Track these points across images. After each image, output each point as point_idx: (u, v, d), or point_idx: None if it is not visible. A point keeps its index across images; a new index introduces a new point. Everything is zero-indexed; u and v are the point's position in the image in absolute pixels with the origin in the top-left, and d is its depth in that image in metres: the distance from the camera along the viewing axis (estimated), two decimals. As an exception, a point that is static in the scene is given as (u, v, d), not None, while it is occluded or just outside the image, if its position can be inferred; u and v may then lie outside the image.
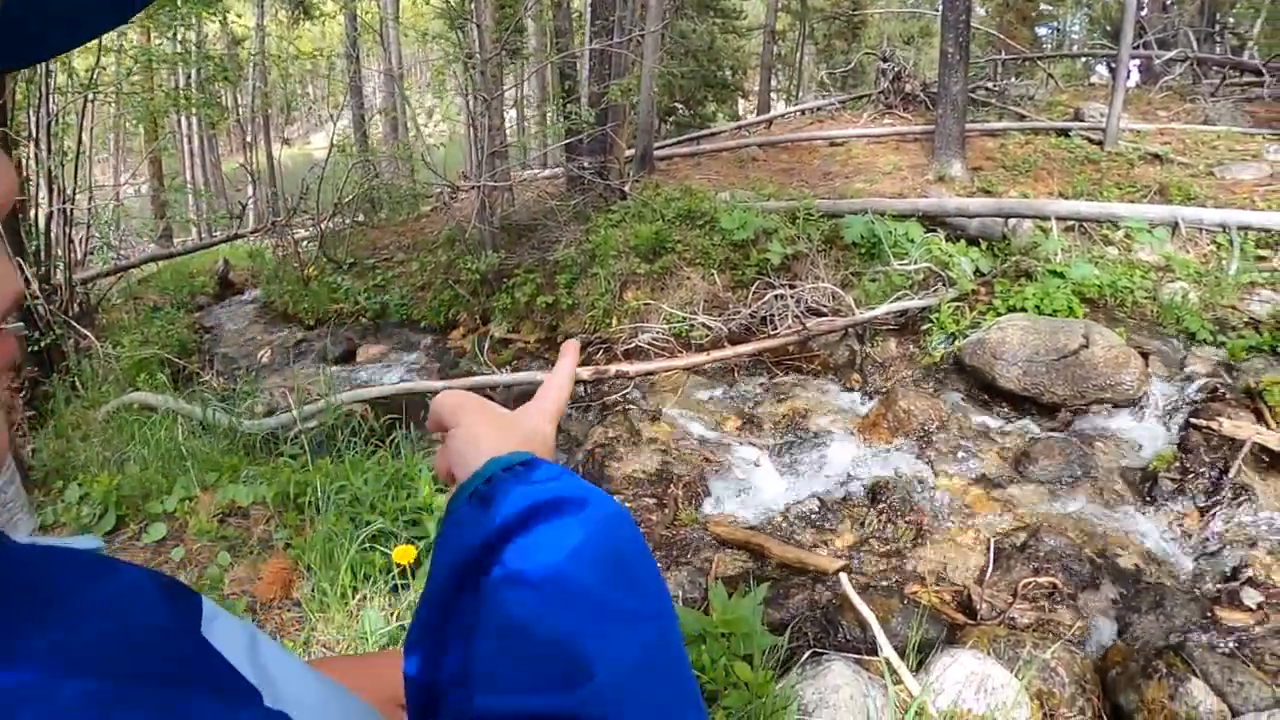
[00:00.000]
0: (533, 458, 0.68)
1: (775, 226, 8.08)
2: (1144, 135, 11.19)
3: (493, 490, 0.64)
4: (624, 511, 0.64)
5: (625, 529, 0.63)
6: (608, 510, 0.63)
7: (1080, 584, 4.33)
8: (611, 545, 0.60)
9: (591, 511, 0.62)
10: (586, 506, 0.62)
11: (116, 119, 15.07)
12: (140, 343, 8.11)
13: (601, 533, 0.60)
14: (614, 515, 0.63)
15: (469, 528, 0.62)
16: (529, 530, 0.60)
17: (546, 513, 0.61)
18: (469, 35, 9.80)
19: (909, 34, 27.55)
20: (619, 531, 0.62)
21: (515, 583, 0.56)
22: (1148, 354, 6.18)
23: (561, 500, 0.62)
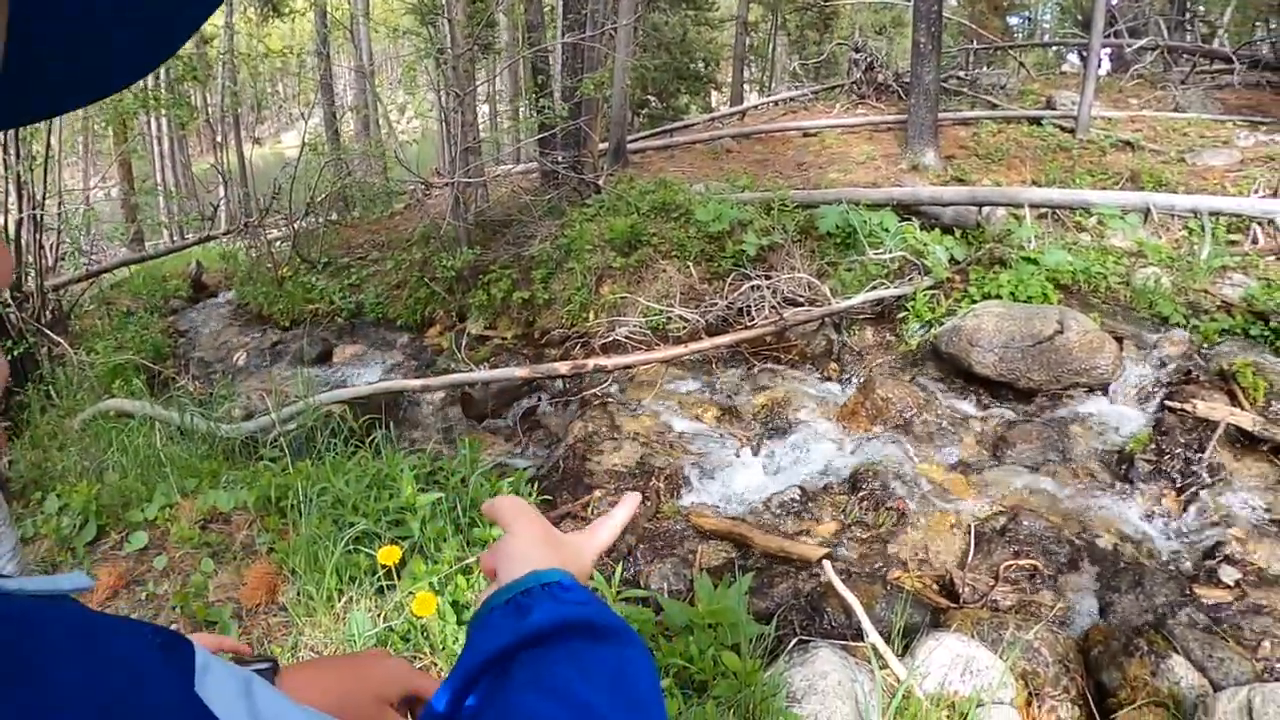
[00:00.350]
0: (571, 581, 0.73)
1: (750, 218, 8.09)
2: (1115, 123, 11.30)
3: (529, 602, 0.69)
4: (645, 649, 0.69)
5: (643, 665, 0.67)
6: (630, 643, 0.68)
7: (1060, 566, 4.39)
8: (629, 677, 0.65)
9: (614, 641, 0.68)
10: (610, 636, 0.68)
11: (85, 121, 14.90)
12: (114, 349, 8.02)
13: (619, 663, 0.66)
14: (634, 649, 0.68)
15: (497, 632, 0.67)
16: (553, 644, 0.65)
17: (573, 633, 0.66)
18: (440, 30, 9.77)
19: (881, 24, 27.59)
20: (636, 665, 0.67)
21: (530, 689, 0.61)
22: (1122, 338, 6.24)
23: (591, 624, 0.68)
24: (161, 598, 3.47)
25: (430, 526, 3.74)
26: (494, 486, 4.55)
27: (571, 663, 0.64)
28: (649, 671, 0.67)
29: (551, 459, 5.93)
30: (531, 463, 6.05)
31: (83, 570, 0.76)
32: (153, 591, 3.52)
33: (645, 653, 0.69)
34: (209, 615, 3.28)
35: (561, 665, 0.63)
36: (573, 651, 0.65)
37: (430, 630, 3.07)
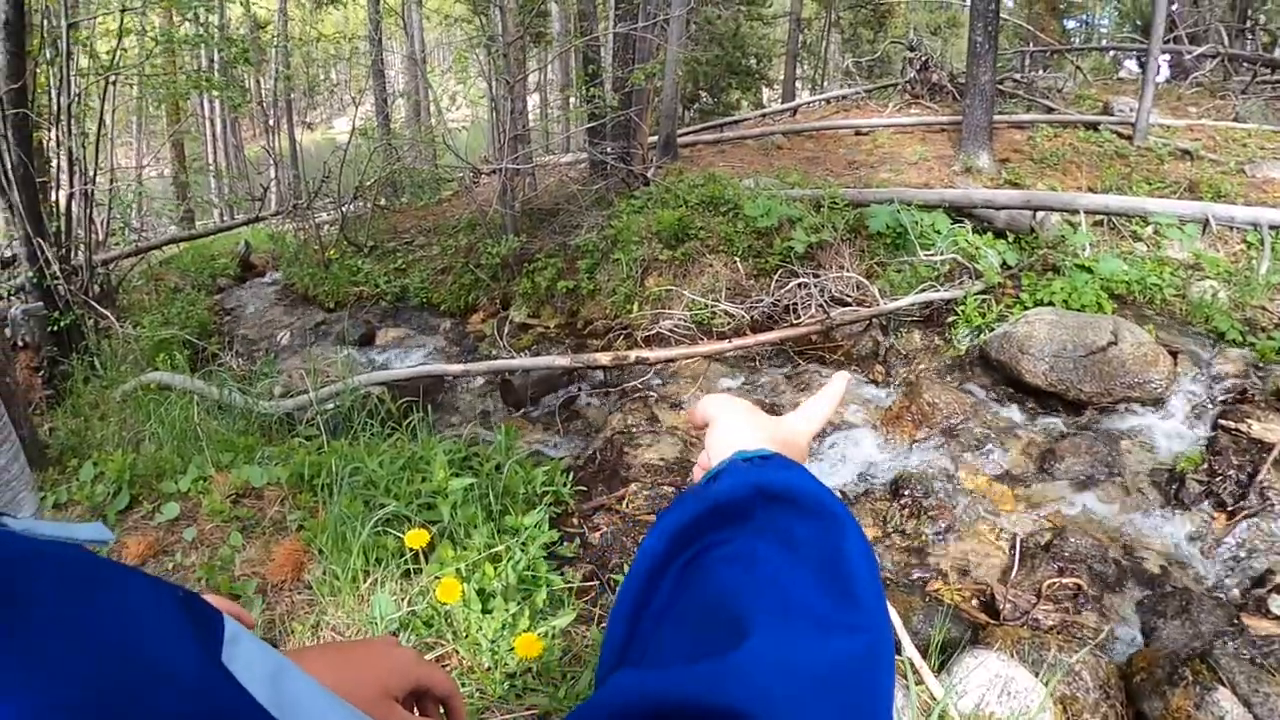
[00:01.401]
0: (775, 455, 0.68)
1: (800, 215, 7.97)
2: (1174, 131, 11.02)
3: (723, 473, 0.64)
4: (853, 521, 0.61)
5: (851, 536, 0.60)
6: (835, 512, 0.61)
7: (1105, 586, 4.23)
8: (831, 547, 0.57)
9: (817, 511, 0.60)
10: (820, 512, 0.60)
11: (139, 101, 15.09)
12: (160, 323, 8.10)
13: (822, 533, 0.58)
14: (840, 520, 0.60)
15: (691, 499, 0.62)
16: (750, 514, 0.59)
17: (772, 502, 0.60)
18: (492, 19, 9.73)
19: (936, 24, 27.27)
20: (842, 536, 0.59)
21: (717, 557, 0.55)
22: (1176, 353, 6.05)
23: (791, 492, 0.61)
24: (188, 569, 3.46)
25: (461, 512, 3.68)
26: (529, 474, 4.50)
27: (772, 534, 0.57)
28: (860, 551, 0.59)
29: (588, 450, 5.87)
30: (568, 453, 5.99)
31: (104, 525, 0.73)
32: (180, 562, 3.51)
33: (855, 530, 0.60)
34: (233, 589, 3.25)
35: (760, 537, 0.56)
36: (769, 523, 0.58)
37: (454, 617, 3.01)
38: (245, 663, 0.40)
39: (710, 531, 0.58)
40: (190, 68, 16.34)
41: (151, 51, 9.41)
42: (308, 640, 2.96)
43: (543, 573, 3.45)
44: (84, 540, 0.43)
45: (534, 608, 3.16)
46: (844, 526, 0.59)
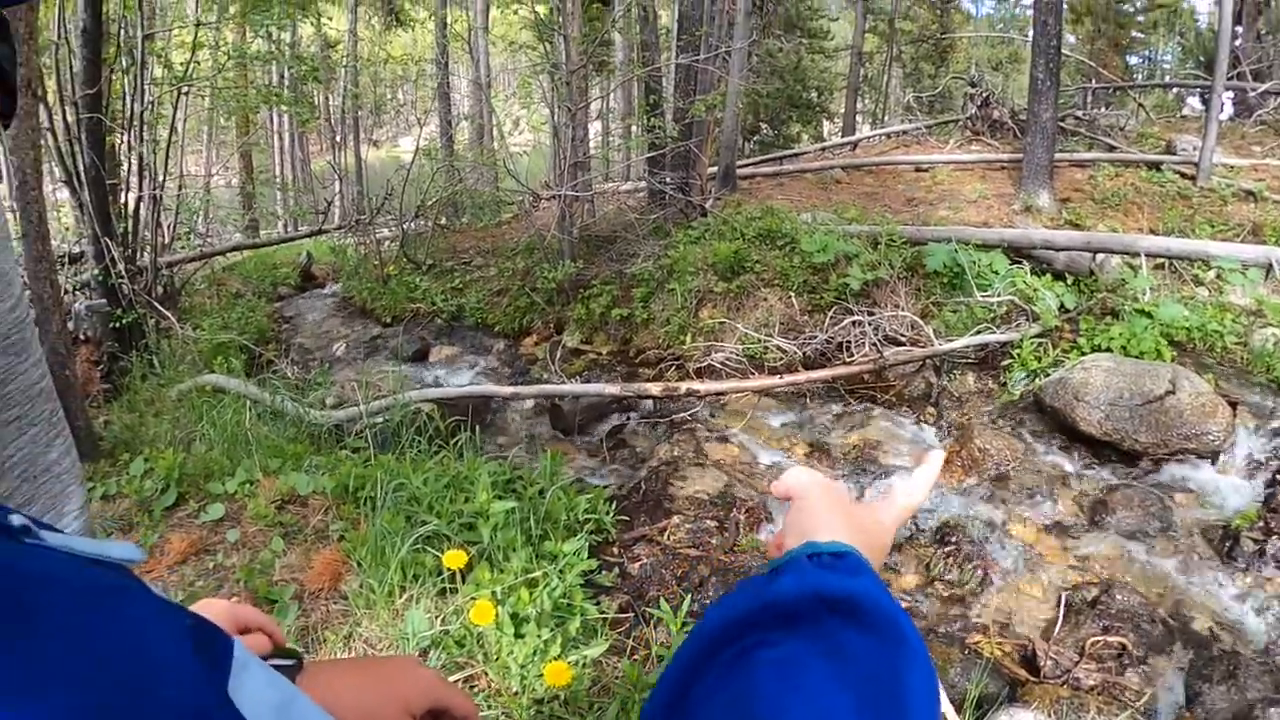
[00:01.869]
0: (850, 551, 0.65)
1: (856, 251, 7.92)
2: (1237, 171, 10.78)
3: (787, 568, 0.62)
4: (921, 647, 0.57)
5: (915, 665, 0.55)
6: (904, 640, 0.56)
7: (1150, 646, 4.10)
8: (888, 671, 0.53)
9: (881, 627, 0.56)
10: (880, 626, 0.56)
11: (209, 112, 15.50)
12: (219, 327, 8.28)
13: (881, 652, 0.55)
14: (906, 643, 0.56)
15: (751, 592, 0.60)
16: (802, 619, 0.56)
17: (829, 609, 0.57)
18: (556, 47, 9.85)
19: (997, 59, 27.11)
20: (904, 662, 0.55)
21: (762, 659, 0.53)
22: (1235, 403, 5.88)
23: (854, 602, 0.58)
24: (228, 569, 3.50)
25: (501, 535, 3.69)
26: (571, 500, 4.50)
27: (825, 645, 0.54)
28: (922, 683, 0.54)
29: (633, 479, 5.84)
30: (612, 481, 5.98)
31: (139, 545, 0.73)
32: (221, 562, 3.55)
33: (922, 659, 0.56)
34: (270, 593, 3.29)
35: (812, 646, 0.54)
36: (824, 632, 0.55)
37: (486, 639, 3.01)
38: (252, 693, 0.39)
39: (762, 630, 0.55)
40: (261, 82, 16.75)
41: (224, 65, 9.68)
42: (339, 650, 2.98)
43: (578, 601, 3.43)
44: (117, 559, 0.43)
45: (566, 635, 3.15)
46: (909, 651, 0.56)
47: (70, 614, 0.34)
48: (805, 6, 21.46)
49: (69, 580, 0.36)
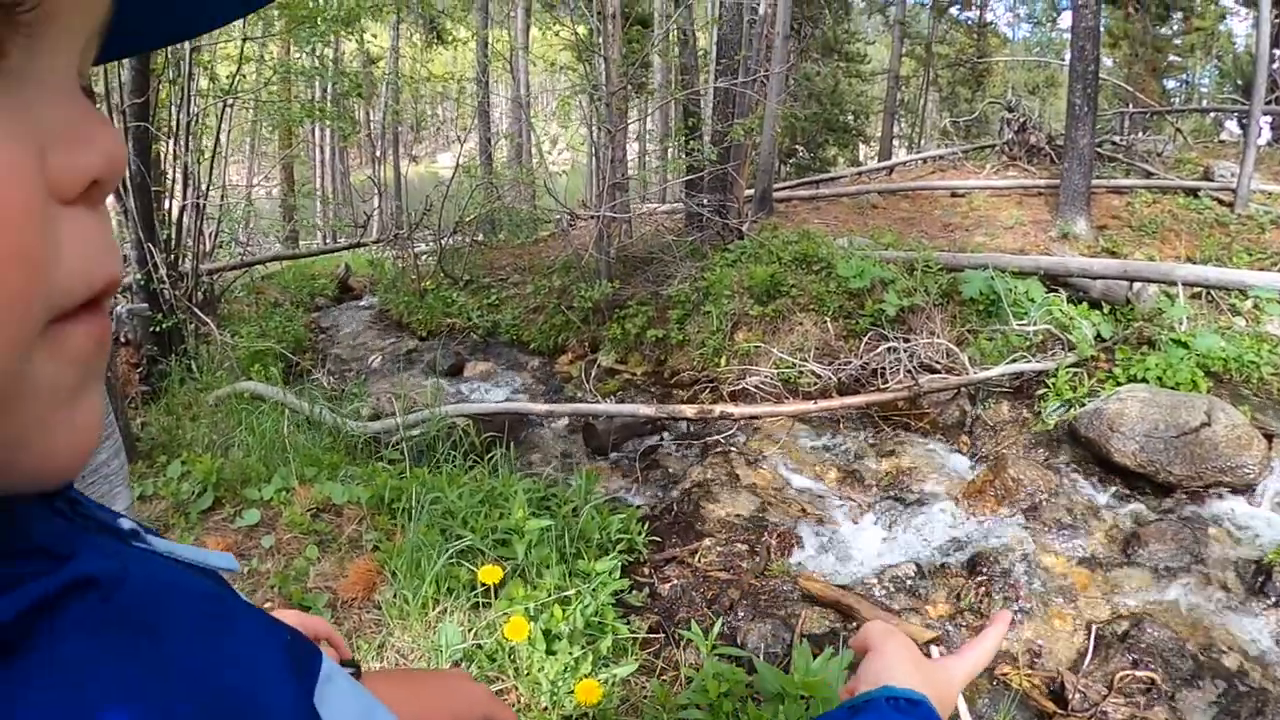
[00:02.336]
0: (923, 699, 0.71)
1: (892, 277, 7.89)
2: (1276, 198, 10.65)
3: (866, 707, 0.69)
4: None
5: None
6: None
7: (1180, 681, 4.04)
8: None
9: None
10: None
11: (253, 124, 15.76)
12: (257, 335, 8.39)
13: None
14: None
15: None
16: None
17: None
18: (596, 68, 9.94)
19: (1034, 83, 27.02)
20: None
21: None
22: (1272, 436, 5.79)
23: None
24: (262, 575, 3.54)
25: (535, 552, 3.70)
26: (604, 520, 4.51)
27: None
28: None
29: (665, 500, 5.84)
30: (645, 501, 5.98)
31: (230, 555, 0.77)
32: (255, 568, 3.60)
33: None
34: (305, 600, 3.32)
35: None
36: None
37: (518, 655, 3.02)
38: (337, 704, 0.41)
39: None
40: (304, 96, 17.01)
41: (269, 80, 9.85)
42: (372, 659, 3.00)
43: (609, 620, 3.44)
44: (215, 567, 0.45)
45: (597, 654, 3.15)
46: None
47: (189, 623, 0.36)
48: (843, 30, 21.52)
49: (187, 589, 0.39)
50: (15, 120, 0.30)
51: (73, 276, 0.32)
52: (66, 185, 0.32)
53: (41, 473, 0.34)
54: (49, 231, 0.31)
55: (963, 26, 27.11)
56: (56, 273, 0.31)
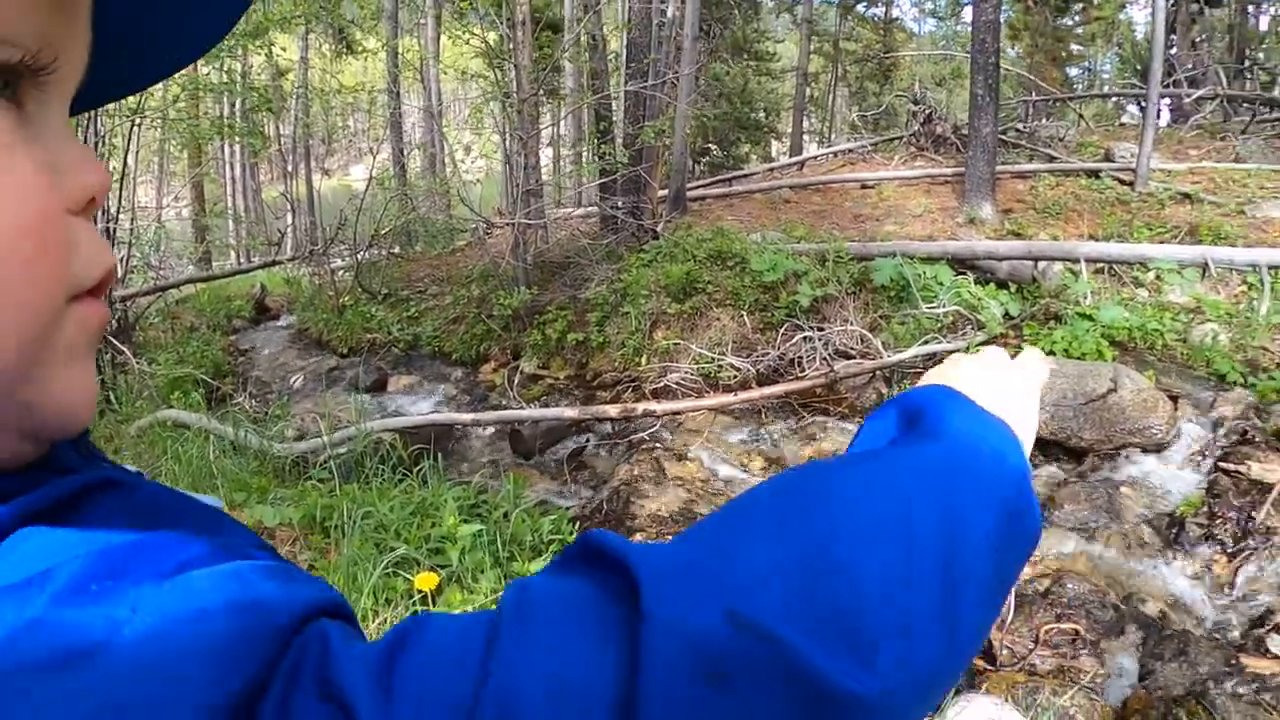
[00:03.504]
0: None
1: (805, 269, 8.12)
2: (1174, 175, 11.14)
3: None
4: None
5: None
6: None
7: (1103, 631, 4.29)
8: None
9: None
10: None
11: (161, 143, 15.44)
12: (176, 361, 8.26)
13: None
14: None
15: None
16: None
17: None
18: (507, 74, 9.99)
19: (941, 75, 27.65)
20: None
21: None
22: (1177, 397, 6.12)
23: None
24: (201, 607, 3.54)
25: (469, 557, 3.78)
26: (535, 522, 4.60)
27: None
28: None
29: (595, 500, 5.95)
30: (575, 502, 6.08)
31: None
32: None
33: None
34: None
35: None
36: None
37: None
38: None
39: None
40: (213, 113, 16.71)
41: (177, 97, 9.68)
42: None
43: (546, 617, 3.53)
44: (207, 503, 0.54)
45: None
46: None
47: (202, 518, 0.48)
48: (752, 30, 21.83)
49: (195, 502, 0.50)
50: (37, 153, 0.41)
51: (87, 265, 0.43)
52: (73, 201, 0.43)
53: (63, 418, 0.44)
54: (69, 232, 0.42)
55: (869, 23, 27.66)
56: (76, 262, 0.42)
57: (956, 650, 0.43)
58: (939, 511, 0.45)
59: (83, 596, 0.34)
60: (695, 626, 0.37)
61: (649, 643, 0.37)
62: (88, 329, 0.44)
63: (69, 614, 0.33)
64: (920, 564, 0.42)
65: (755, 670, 0.37)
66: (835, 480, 0.46)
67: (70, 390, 0.44)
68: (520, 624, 0.38)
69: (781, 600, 0.39)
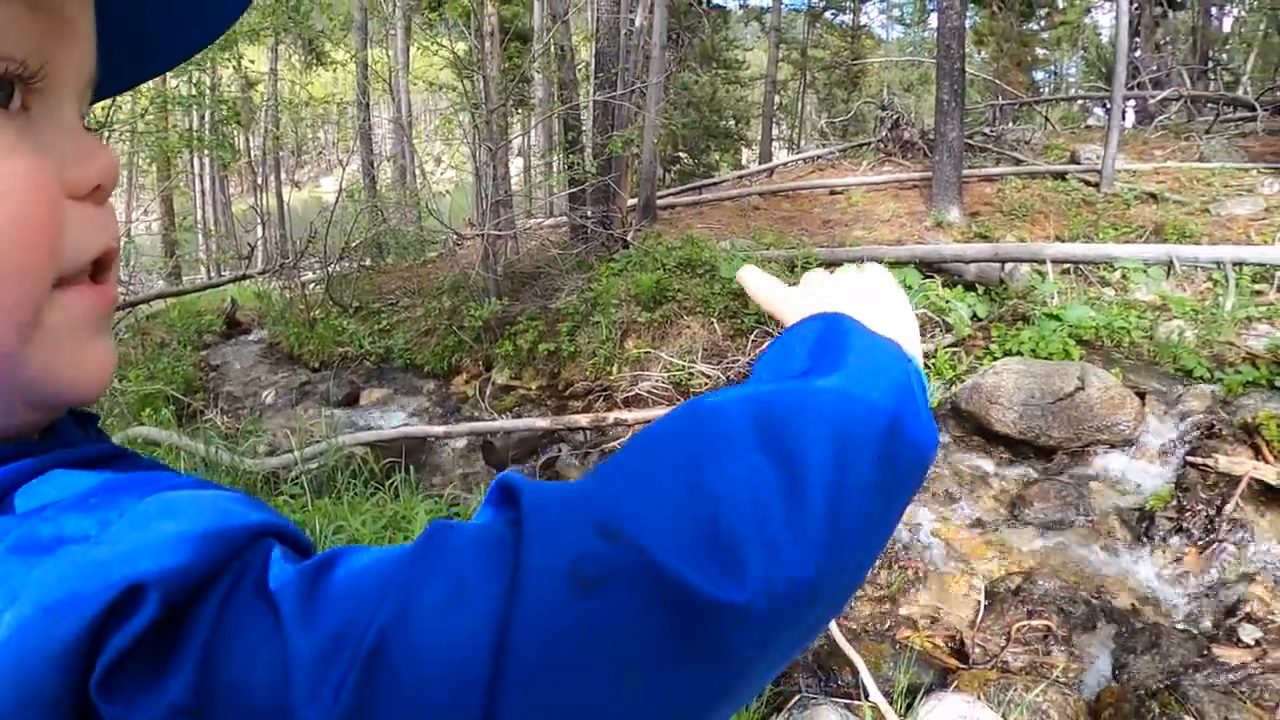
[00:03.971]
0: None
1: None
2: (1140, 175, 11.30)
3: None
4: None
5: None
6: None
7: (1075, 626, 4.34)
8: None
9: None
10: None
11: (130, 156, 15.30)
12: (146, 378, 8.19)
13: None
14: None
15: None
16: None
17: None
18: (476, 85, 10.00)
19: (908, 81, 27.92)
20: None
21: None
22: (1144, 394, 6.18)
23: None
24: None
25: (442, 568, 3.78)
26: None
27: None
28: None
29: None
30: (548, 512, 6.07)
31: None
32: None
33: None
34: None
35: None
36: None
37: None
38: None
39: None
40: (182, 125, 16.60)
41: (145, 109, 9.60)
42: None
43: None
44: None
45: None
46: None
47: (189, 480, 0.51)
48: (720, 39, 21.97)
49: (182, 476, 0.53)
50: (39, 149, 0.46)
51: (75, 249, 0.48)
52: (78, 188, 0.48)
53: (75, 393, 0.50)
54: (61, 220, 0.47)
55: (837, 30, 27.87)
56: (64, 248, 0.47)
57: (840, 562, 0.45)
58: (822, 430, 0.47)
59: (83, 507, 0.42)
60: (569, 540, 0.41)
61: (527, 559, 0.41)
62: (89, 309, 0.50)
63: (70, 517, 0.41)
64: (801, 481, 0.44)
65: (624, 579, 0.40)
66: (719, 408, 0.48)
67: (79, 366, 0.50)
68: (429, 554, 0.43)
69: (651, 513, 0.42)
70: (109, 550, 0.39)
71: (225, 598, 0.40)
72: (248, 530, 0.43)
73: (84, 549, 0.39)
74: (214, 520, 0.43)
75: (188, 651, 0.39)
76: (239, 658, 0.39)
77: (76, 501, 0.42)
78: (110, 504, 0.42)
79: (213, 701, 0.38)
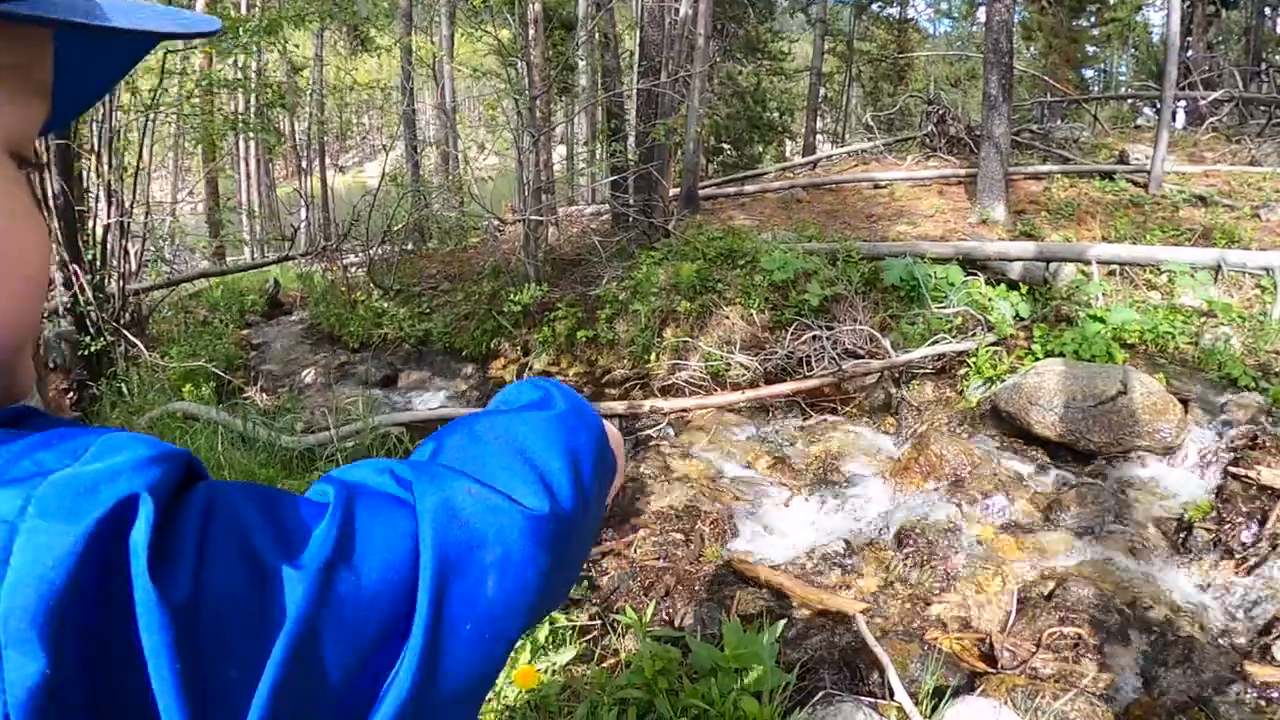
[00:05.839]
0: None
1: (816, 268, 8.11)
2: (1189, 178, 11.09)
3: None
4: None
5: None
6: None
7: (1107, 635, 4.27)
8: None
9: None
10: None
11: (176, 139, 15.52)
12: (188, 354, 8.31)
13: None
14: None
15: None
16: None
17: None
18: (520, 72, 10.01)
19: (956, 75, 27.60)
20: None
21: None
22: (1187, 401, 6.07)
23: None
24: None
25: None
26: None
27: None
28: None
29: (600, 496, 5.95)
30: (580, 498, 6.07)
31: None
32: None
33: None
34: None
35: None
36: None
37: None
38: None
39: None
40: (228, 109, 16.79)
41: (191, 92, 9.72)
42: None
43: (548, 611, 3.54)
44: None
45: (535, 643, 3.27)
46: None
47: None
48: (765, 30, 21.82)
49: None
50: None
51: None
52: None
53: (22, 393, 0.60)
54: None
55: (884, 22, 27.63)
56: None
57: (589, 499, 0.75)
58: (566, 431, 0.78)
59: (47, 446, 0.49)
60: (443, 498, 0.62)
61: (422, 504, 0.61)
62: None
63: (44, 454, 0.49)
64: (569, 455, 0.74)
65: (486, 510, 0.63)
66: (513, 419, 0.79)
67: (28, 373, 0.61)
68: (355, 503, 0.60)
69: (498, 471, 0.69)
70: (97, 470, 0.47)
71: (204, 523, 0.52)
72: (185, 454, 0.56)
73: (74, 470, 0.47)
74: (160, 448, 0.53)
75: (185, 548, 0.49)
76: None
77: (41, 442, 0.50)
78: (72, 440, 0.51)
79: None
